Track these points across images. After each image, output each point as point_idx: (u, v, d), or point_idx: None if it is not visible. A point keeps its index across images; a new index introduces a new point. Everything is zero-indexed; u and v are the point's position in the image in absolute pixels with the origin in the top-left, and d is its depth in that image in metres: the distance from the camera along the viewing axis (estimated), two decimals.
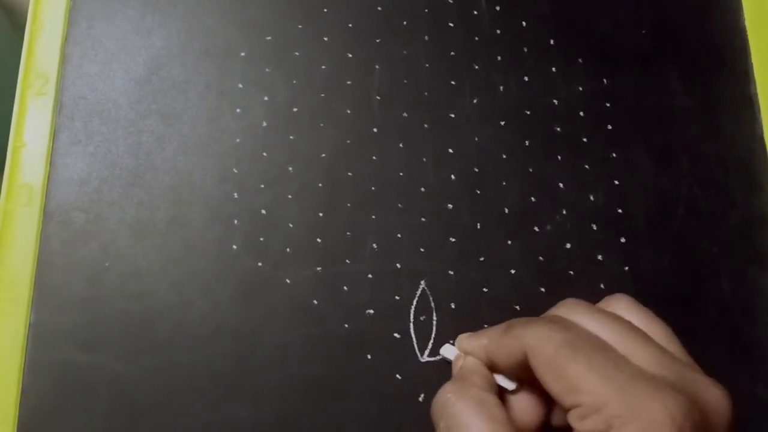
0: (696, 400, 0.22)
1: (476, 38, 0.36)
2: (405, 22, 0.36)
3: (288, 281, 0.32)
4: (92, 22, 0.36)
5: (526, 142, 0.35)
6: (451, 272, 0.33)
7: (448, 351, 0.30)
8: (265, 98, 0.35)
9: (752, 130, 0.35)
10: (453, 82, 0.36)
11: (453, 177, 0.34)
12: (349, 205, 0.34)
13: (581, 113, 0.35)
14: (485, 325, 0.29)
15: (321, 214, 0.33)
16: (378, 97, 0.35)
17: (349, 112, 0.35)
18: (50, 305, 0.32)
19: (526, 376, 0.25)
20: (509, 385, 0.26)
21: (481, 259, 0.33)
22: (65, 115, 0.34)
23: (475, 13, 0.37)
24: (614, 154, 0.35)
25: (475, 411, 0.24)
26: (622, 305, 0.26)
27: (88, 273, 0.32)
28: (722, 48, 0.37)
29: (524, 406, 0.26)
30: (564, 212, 0.34)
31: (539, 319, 0.25)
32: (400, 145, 0.34)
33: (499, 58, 0.36)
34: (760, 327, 0.33)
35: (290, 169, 0.34)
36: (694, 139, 0.35)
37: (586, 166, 0.34)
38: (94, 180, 0.34)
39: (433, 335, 0.32)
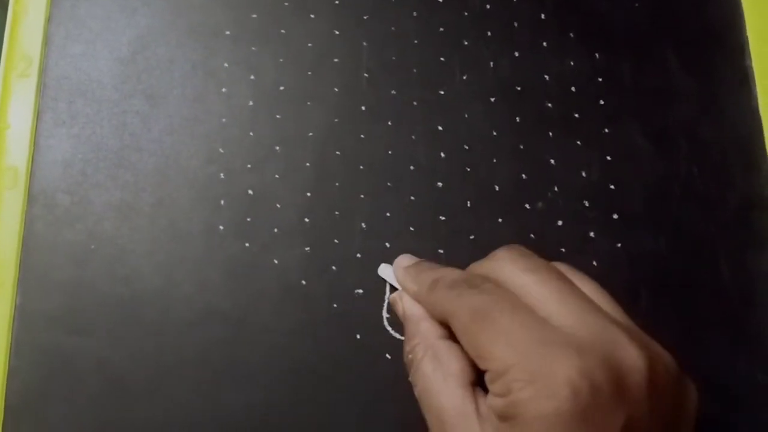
0: (607, 358, 0.22)
1: (465, 13, 0.35)
2: None
3: (276, 262, 0.32)
4: (76, 1, 0.35)
5: (517, 119, 0.34)
6: (441, 251, 0.32)
7: (384, 271, 0.31)
8: (252, 77, 0.34)
9: (748, 105, 0.35)
10: (442, 59, 0.35)
11: (442, 155, 0.34)
12: (337, 184, 0.33)
13: (573, 89, 0.35)
14: None
15: (309, 194, 0.33)
16: (366, 75, 0.35)
17: (336, 90, 0.34)
18: (36, 288, 0.31)
19: None
20: None
21: (472, 237, 0.32)
22: (49, 96, 0.34)
23: None
24: (607, 130, 0.34)
25: (432, 368, 0.25)
26: (561, 269, 0.26)
27: (74, 256, 0.32)
28: (717, 23, 0.36)
29: None
30: (555, 189, 0.33)
31: (462, 280, 0.26)
32: (389, 123, 0.34)
33: (489, 33, 0.35)
34: (759, 311, 0.32)
35: (277, 148, 0.33)
36: (690, 116, 0.34)
37: (578, 143, 0.34)
38: (79, 162, 0.33)
39: None
